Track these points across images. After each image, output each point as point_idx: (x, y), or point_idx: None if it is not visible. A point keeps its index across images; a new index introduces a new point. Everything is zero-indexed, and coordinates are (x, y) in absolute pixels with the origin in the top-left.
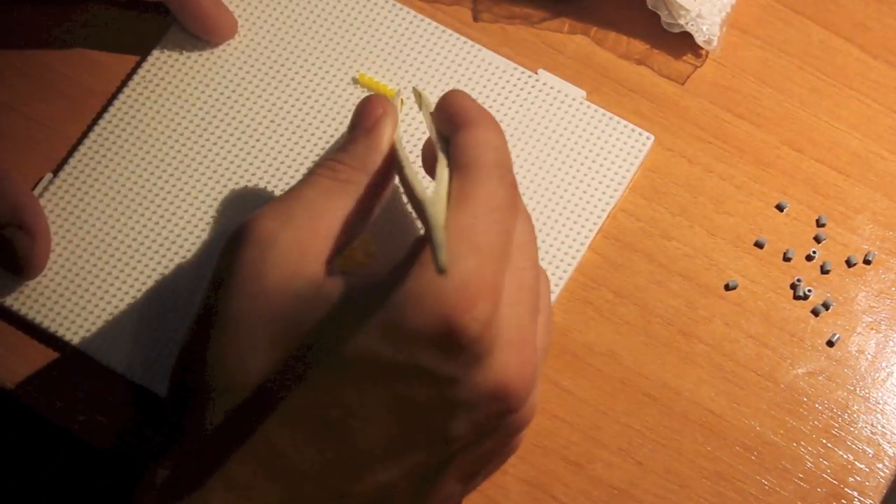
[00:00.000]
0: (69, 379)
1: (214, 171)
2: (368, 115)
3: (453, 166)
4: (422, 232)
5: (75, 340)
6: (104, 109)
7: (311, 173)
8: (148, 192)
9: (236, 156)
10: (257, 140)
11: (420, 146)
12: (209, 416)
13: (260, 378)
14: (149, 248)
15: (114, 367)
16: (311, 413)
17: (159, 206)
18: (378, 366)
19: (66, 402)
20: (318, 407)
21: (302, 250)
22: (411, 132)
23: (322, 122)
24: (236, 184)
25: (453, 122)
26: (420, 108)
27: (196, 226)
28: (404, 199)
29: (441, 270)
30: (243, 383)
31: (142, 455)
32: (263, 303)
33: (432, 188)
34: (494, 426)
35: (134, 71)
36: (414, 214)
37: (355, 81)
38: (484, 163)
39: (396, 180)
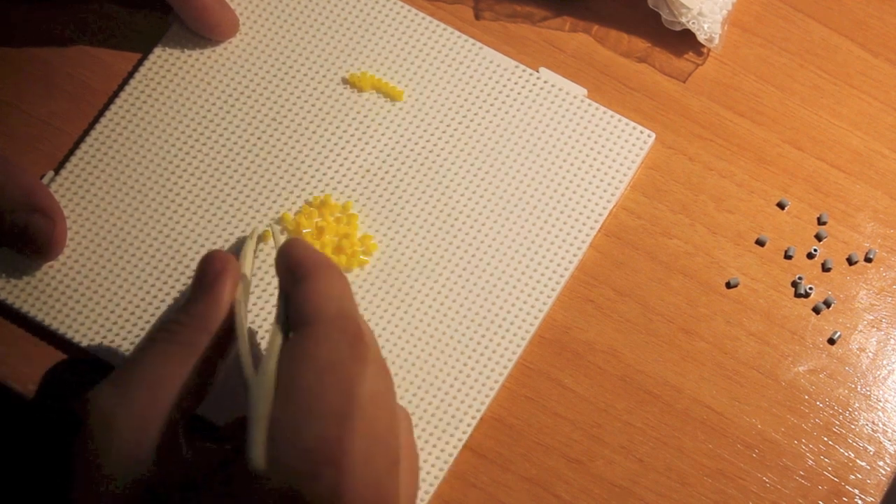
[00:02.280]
0: (70, 375)
1: (216, 169)
2: (207, 271)
3: (294, 324)
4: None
5: (76, 337)
6: (106, 107)
7: (151, 338)
8: (149, 189)
9: (238, 153)
10: (259, 138)
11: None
12: None
13: None
14: (150, 245)
15: (116, 363)
16: None
17: (161, 203)
18: None
19: (60, 392)
20: None
21: (140, 426)
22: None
23: (323, 119)
24: (238, 181)
25: (292, 276)
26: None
27: (197, 223)
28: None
29: (254, 470)
30: None
31: None
32: (102, 492)
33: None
34: None
35: (135, 69)
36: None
37: (344, 81)
38: (323, 317)
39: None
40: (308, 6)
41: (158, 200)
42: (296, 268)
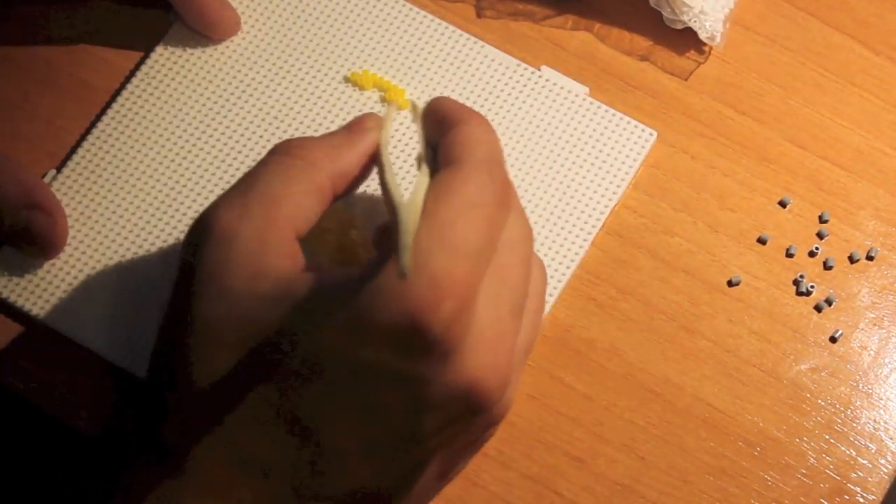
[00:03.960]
0: (70, 374)
1: (217, 168)
2: (359, 121)
3: (442, 163)
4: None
5: (77, 335)
6: (107, 106)
7: (271, 152)
8: (151, 188)
9: (239, 152)
10: (260, 136)
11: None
12: (180, 416)
13: (229, 378)
14: (152, 243)
15: (119, 364)
16: (278, 413)
17: (162, 201)
18: (345, 365)
19: (62, 391)
20: (286, 407)
21: (262, 244)
22: (409, 149)
23: (325, 118)
24: None
25: (442, 125)
26: (415, 120)
27: None
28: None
29: (402, 276)
30: (213, 383)
31: (122, 446)
32: (228, 303)
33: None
34: (467, 424)
35: (137, 67)
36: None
37: (346, 80)
38: (471, 158)
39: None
40: (309, 5)
41: (160, 199)
42: (446, 116)
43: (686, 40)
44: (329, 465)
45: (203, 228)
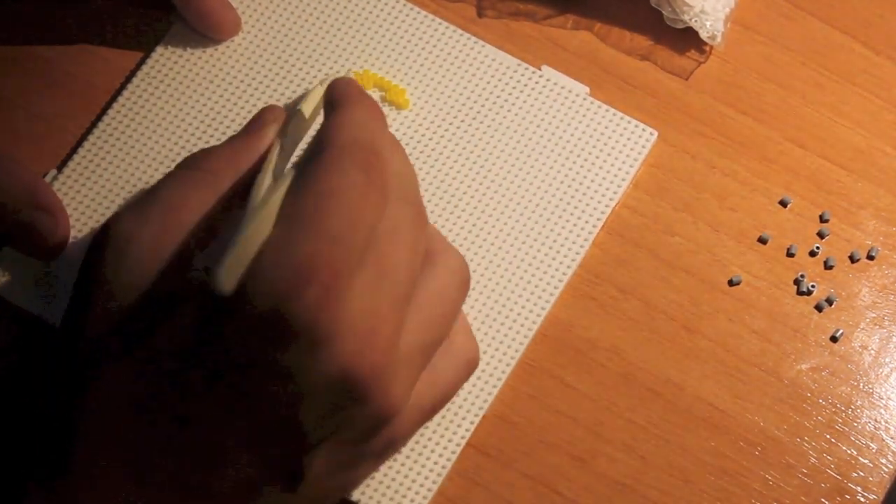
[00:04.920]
0: None
1: None
2: (257, 119)
3: (312, 153)
4: None
5: None
6: (108, 106)
7: (178, 164)
8: None
9: None
10: None
11: None
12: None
13: (114, 377)
14: None
15: None
16: (161, 408)
17: None
18: (218, 359)
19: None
20: (167, 402)
21: (155, 248)
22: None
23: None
24: None
25: (327, 111)
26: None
27: None
28: None
29: (218, 286)
30: (98, 383)
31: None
32: (115, 306)
33: None
34: (348, 417)
35: (138, 67)
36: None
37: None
38: (337, 142)
39: None
40: (310, 5)
41: None
42: (332, 101)
43: (686, 40)
44: (214, 459)
45: (105, 233)
